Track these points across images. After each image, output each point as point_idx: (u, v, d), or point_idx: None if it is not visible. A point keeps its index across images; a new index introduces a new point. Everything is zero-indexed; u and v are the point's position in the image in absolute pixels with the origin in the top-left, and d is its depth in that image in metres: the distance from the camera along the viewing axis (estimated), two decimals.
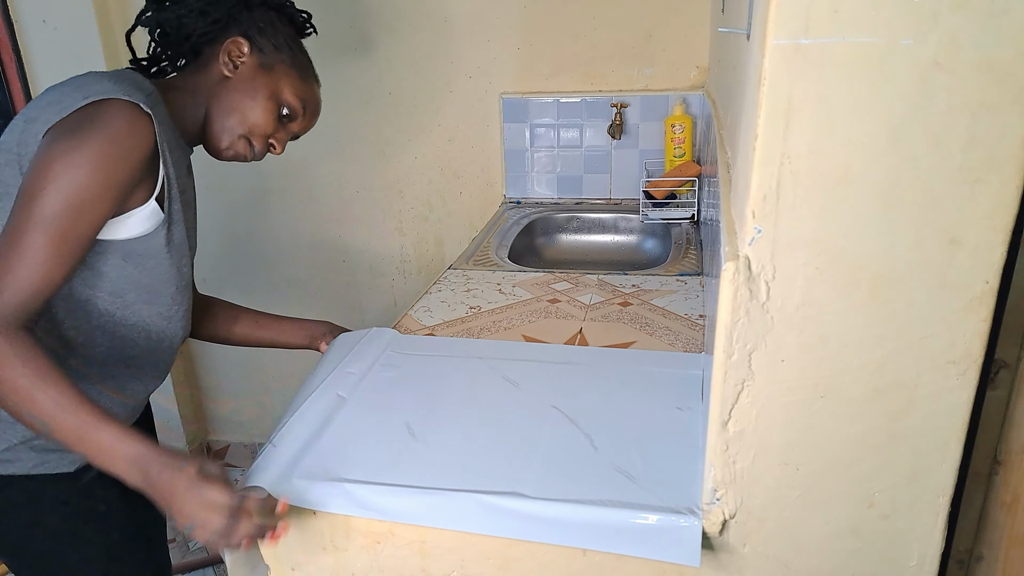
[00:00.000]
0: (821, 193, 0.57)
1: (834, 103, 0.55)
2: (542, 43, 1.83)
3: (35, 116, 0.83)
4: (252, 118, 0.97)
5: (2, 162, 0.85)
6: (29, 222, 0.78)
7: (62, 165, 0.78)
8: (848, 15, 0.52)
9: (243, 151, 1.00)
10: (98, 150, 0.79)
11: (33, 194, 0.78)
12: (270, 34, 0.99)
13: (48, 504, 0.95)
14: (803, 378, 0.63)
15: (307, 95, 1.03)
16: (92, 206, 0.80)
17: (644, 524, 0.70)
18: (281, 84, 0.99)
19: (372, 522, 0.77)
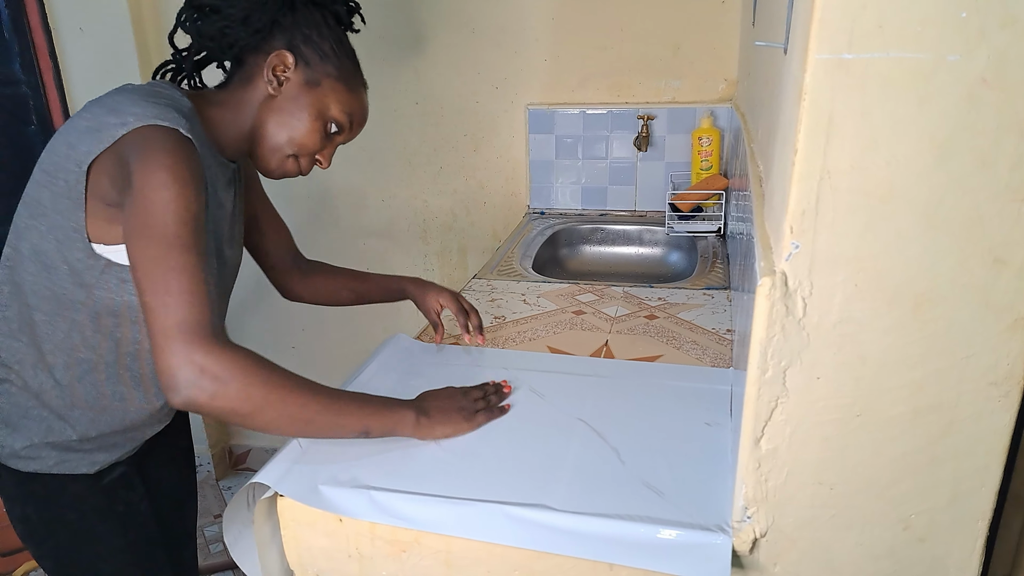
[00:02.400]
0: (862, 210, 0.56)
1: (877, 119, 0.54)
2: (569, 54, 1.83)
3: (74, 142, 0.83)
4: (300, 139, 0.95)
5: (42, 181, 0.86)
6: (159, 250, 0.76)
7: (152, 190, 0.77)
8: (894, 30, 0.52)
9: (292, 170, 0.99)
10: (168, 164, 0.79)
11: (144, 221, 0.77)
12: (316, 42, 0.95)
13: (68, 501, 0.96)
14: (839, 397, 0.62)
15: (354, 108, 0.99)
16: (199, 217, 0.80)
17: (673, 540, 0.69)
18: (328, 100, 0.96)
19: (398, 530, 0.77)
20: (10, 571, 2.02)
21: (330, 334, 2.25)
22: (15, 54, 1.97)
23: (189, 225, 0.79)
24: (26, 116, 2.02)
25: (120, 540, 1.00)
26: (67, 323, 0.88)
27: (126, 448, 0.99)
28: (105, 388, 0.93)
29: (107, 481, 0.98)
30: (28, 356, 0.90)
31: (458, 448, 0.85)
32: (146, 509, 1.02)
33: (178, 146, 0.81)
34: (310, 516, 0.80)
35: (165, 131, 0.81)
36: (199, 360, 0.74)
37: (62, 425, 0.92)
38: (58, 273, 0.87)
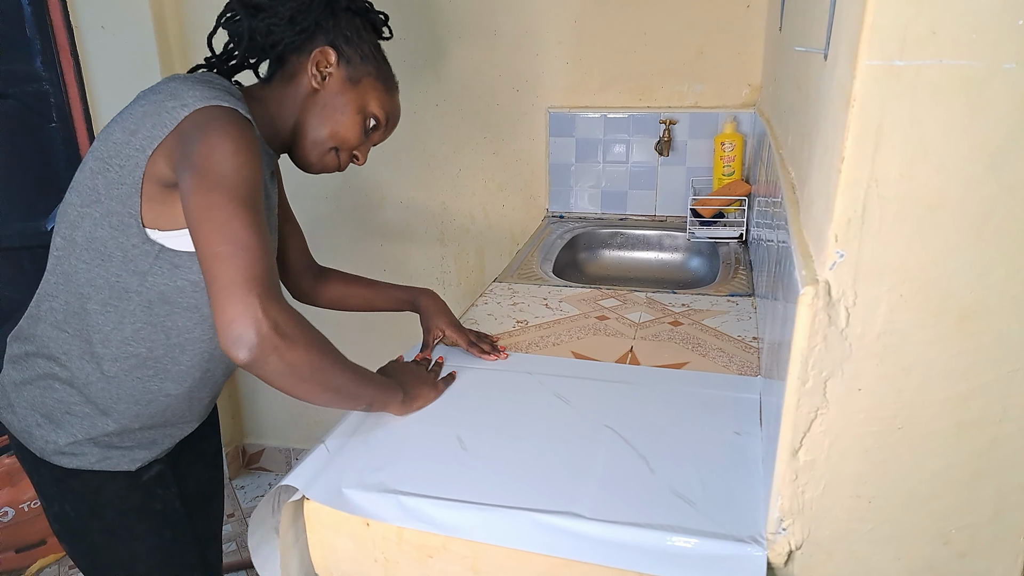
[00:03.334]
0: (910, 219, 0.55)
1: (928, 127, 0.53)
2: (591, 58, 1.83)
3: (134, 128, 0.84)
4: (342, 132, 0.98)
5: (96, 169, 0.86)
6: (229, 207, 0.75)
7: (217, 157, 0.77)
8: (947, 37, 0.51)
9: (331, 163, 1.01)
10: (233, 138, 0.79)
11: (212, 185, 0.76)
12: (356, 43, 0.98)
13: (107, 498, 0.97)
14: (881, 409, 0.61)
15: (391, 107, 1.04)
16: (259, 182, 0.80)
17: (706, 551, 0.68)
18: (368, 97, 1.00)
19: (424, 535, 0.77)
20: (25, 567, 2.03)
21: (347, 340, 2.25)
22: (37, 52, 1.98)
23: (254, 186, 0.79)
24: (47, 113, 2.03)
25: (156, 539, 1.00)
26: (119, 314, 0.89)
27: (164, 445, 1.00)
28: (152, 384, 0.93)
29: (145, 479, 0.98)
30: (75, 347, 0.91)
31: (485, 453, 0.85)
32: (180, 508, 1.03)
33: (241, 123, 0.83)
34: (336, 519, 0.79)
35: (226, 110, 0.83)
36: (273, 315, 0.72)
37: (105, 420, 0.93)
38: (112, 261, 0.87)
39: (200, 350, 0.95)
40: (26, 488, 1.98)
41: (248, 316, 0.71)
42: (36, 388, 0.93)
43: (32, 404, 0.94)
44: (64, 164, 2.08)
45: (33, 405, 0.94)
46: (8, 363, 0.97)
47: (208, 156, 0.78)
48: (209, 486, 1.18)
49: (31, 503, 1.98)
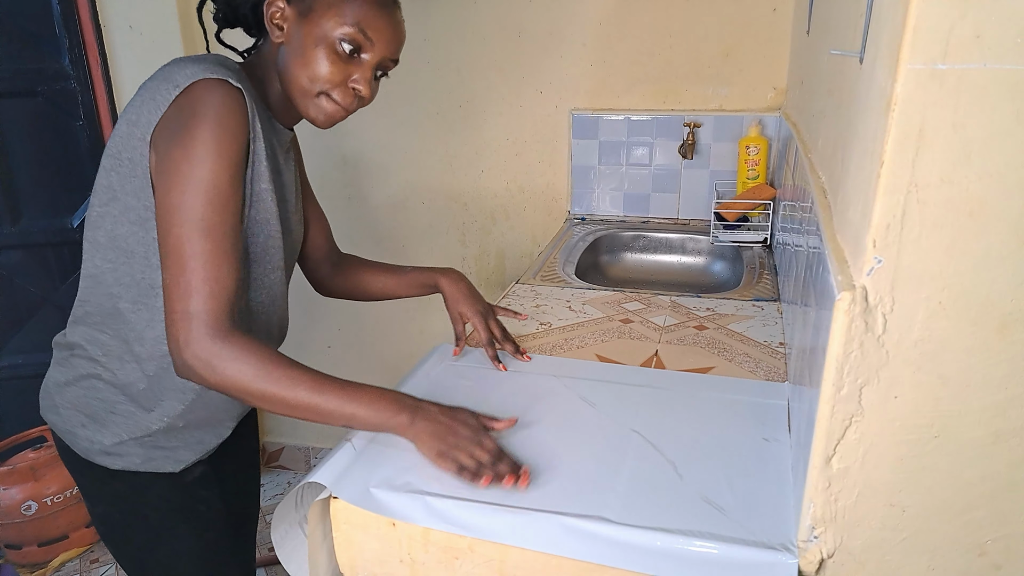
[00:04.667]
0: (951, 225, 0.55)
1: (971, 132, 0.52)
2: (615, 60, 1.82)
3: (135, 119, 0.84)
4: (314, 71, 0.87)
5: (108, 167, 0.86)
6: (183, 230, 0.78)
7: (187, 165, 0.78)
8: (992, 41, 0.50)
9: (330, 108, 0.91)
10: (211, 136, 0.79)
11: (173, 204, 0.79)
12: None
13: (151, 500, 0.97)
14: (917, 417, 0.60)
15: (362, 17, 0.87)
16: (229, 194, 0.81)
17: (737, 558, 0.67)
18: (324, 22, 0.86)
19: (452, 536, 0.77)
20: (48, 560, 2.05)
21: (366, 334, 2.26)
22: (65, 50, 2.01)
23: (219, 209, 0.79)
24: (74, 111, 2.06)
25: (198, 540, 1.01)
26: (149, 311, 0.89)
27: (208, 445, 1.00)
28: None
29: (189, 480, 0.99)
30: (114, 348, 0.91)
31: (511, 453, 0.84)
32: (222, 508, 1.04)
33: (225, 99, 0.81)
34: (363, 519, 0.79)
35: (213, 83, 0.81)
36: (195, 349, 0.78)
37: (149, 418, 0.93)
38: (136, 258, 0.87)
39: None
40: (49, 483, 2.01)
41: (175, 344, 0.79)
42: (79, 388, 0.94)
43: (76, 404, 0.94)
44: (90, 162, 2.11)
45: (77, 406, 0.94)
46: (53, 364, 0.98)
47: (177, 172, 0.79)
48: (247, 486, 1.19)
49: (54, 498, 2.01)
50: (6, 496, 1.96)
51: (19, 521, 1.97)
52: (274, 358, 0.80)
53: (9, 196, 2.09)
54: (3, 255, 2.13)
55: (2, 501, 1.95)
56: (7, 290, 2.16)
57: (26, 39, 1.99)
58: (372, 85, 0.91)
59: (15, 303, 2.17)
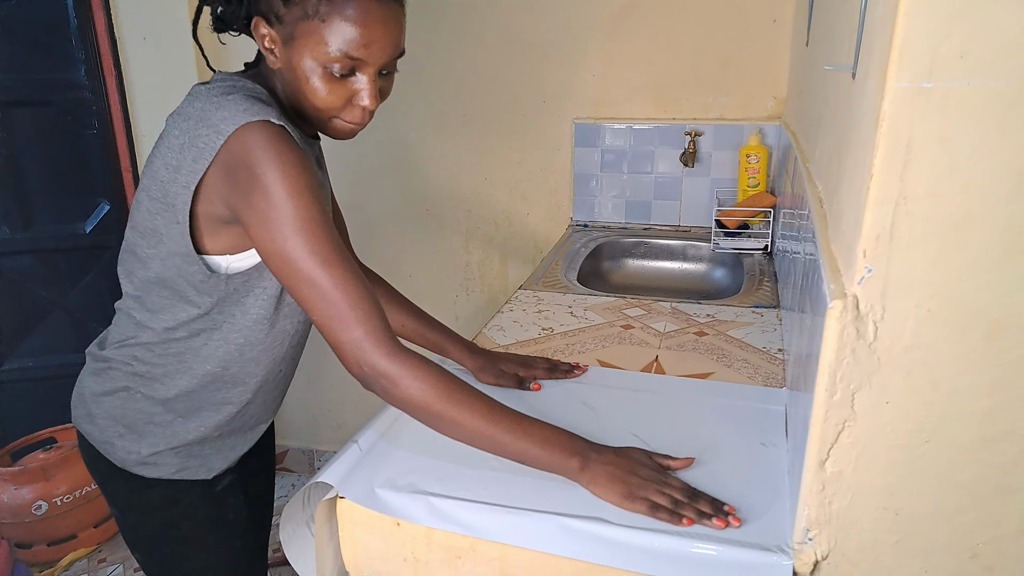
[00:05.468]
0: (938, 236, 0.57)
1: (957, 146, 0.54)
2: (617, 69, 1.85)
3: (177, 164, 0.82)
4: (315, 101, 0.85)
5: (153, 210, 0.86)
6: (304, 271, 0.78)
7: (275, 211, 0.78)
8: (976, 59, 0.52)
9: (346, 129, 0.89)
10: (282, 176, 0.78)
11: (278, 251, 0.79)
12: None
13: (184, 509, 0.99)
14: (908, 421, 0.62)
15: (344, 40, 0.81)
16: (322, 221, 0.80)
17: (732, 559, 0.69)
18: (308, 51, 0.81)
19: (454, 536, 0.79)
20: (56, 559, 2.08)
21: None
22: (80, 61, 2.05)
23: (319, 212, 0.79)
24: (87, 120, 2.09)
25: (228, 549, 1.03)
26: (201, 340, 0.92)
27: (239, 450, 1.03)
28: (231, 394, 0.96)
29: (219, 488, 1.01)
30: (158, 371, 0.93)
31: None
32: (248, 516, 1.06)
33: (276, 139, 0.79)
34: (368, 518, 0.82)
35: (258, 126, 0.79)
36: (376, 366, 0.79)
37: (187, 428, 0.95)
38: (188, 295, 0.89)
39: (272, 356, 0.97)
40: (59, 483, 2.03)
41: (357, 372, 0.80)
42: (117, 399, 0.95)
43: (113, 415, 0.95)
44: (101, 170, 2.14)
45: (114, 416, 0.95)
46: (89, 374, 0.99)
47: (268, 208, 0.78)
48: (267, 494, 1.22)
49: (63, 498, 2.03)
50: (17, 496, 1.98)
51: (29, 521, 1.99)
52: (452, 380, 0.80)
53: (21, 202, 2.12)
54: (14, 260, 2.16)
55: (13, 501, 1.97)
56: (18, 294, 2.19)
57: (43, 50, 2.03)
58: (377, 94, 0.87)
59: (25, 307, 2.21)
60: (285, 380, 1.04)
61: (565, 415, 0.96)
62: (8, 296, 2.18)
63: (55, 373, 2.24)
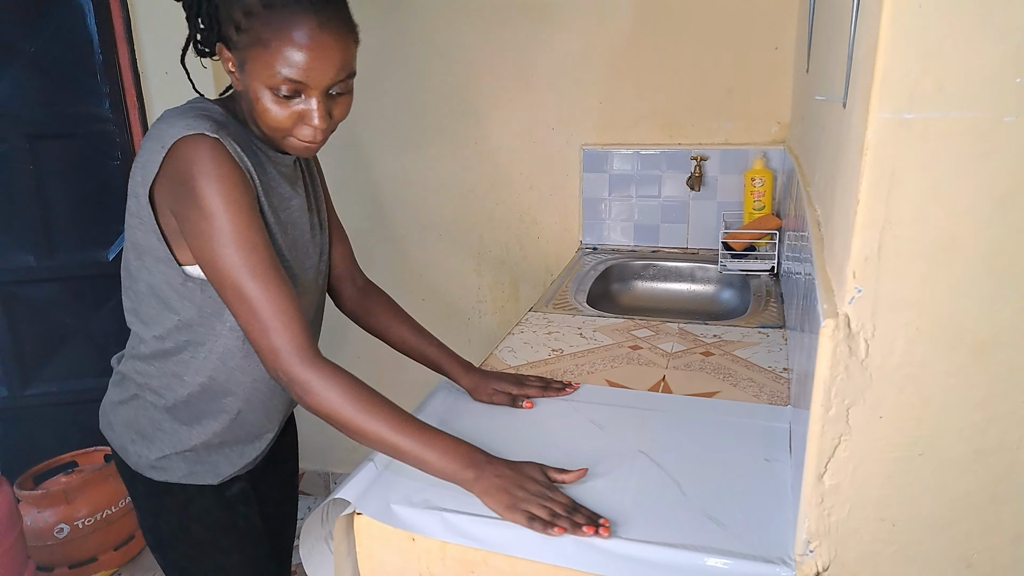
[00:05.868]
0: (924, 257, 0.60)
1: (938, 173, 0.58)
2: (624, 97, 1.90)
3: (140, 179, 0.90)
4: (267, 121, 0.89)
5: (133, 225, 0.93)
6: (232, 279, 0.85)
7: (207, 223, 0.84)
8: (953, 92, 0.56)
9: (300, 146, 0.92)
10: (214, 189, 0.84)
11: (212, 260, 0.85)
12: (233, 17, 0.86)
13: (195, 514, 1.04)
14: (902, 435, 0.64)
15: (284, 64, 0.84)
16: (253, 233, 0.86)
17: (737, 571, 0.71)
18: (257, 74, 0.86)
19: (467, 550, 0.81)
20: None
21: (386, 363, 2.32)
22: (105, 95, 2.13)
23: (248, 246, 0.85)
24: (111, 151, 2.17)
25: (240, 555, 1.07)
26: (191, 348, 0.97)
27: (246, 458, 1.07)
28: (226, 403, 1.01)
29: (229, 495, 1.06)
30: (162, 380, 0.99)
31: None
32: (260, 525, 1.10)
33: (210, 152, 0.85)
34: (384, 533, 0.84)
35: (193, 139, 0.85)
36: (297, 376, 0.85)
37: (190, 434, 1.01)
38: (171, 302, 0.95)
39: (255, 362, 1.01)
40: (80, 506, 2.07)
41: (276, 377, 0.87)
42: (131, 408, 1.02)
43: (128, 422, 1.03)
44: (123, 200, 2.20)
45: (128, 423, 1.03)
46: (111, 385, 1.07)
47: (200, 219, 0.85)
48: (286, 506, 1.26)
49: (85, 521, 2.07)
50: (39, 519, 2.02)
51: (51, 544, 2.03)
52: (362, 390, 0.86)
53: (47, 231, 2.19)
54: (39, 287, 2.22)
55: (36, 524, 2.01)
56: (42, 320, 2.25)
57: (69, 85, 2.11)
58: (325, 114, 0.89)
59: (49, 333, 2.26)
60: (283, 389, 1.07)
61: (573, 433, 0.99)
62: (33, 322, 2.24)
63: (77, 398, 2.29)
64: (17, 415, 2.26)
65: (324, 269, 1.11)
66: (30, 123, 2.11)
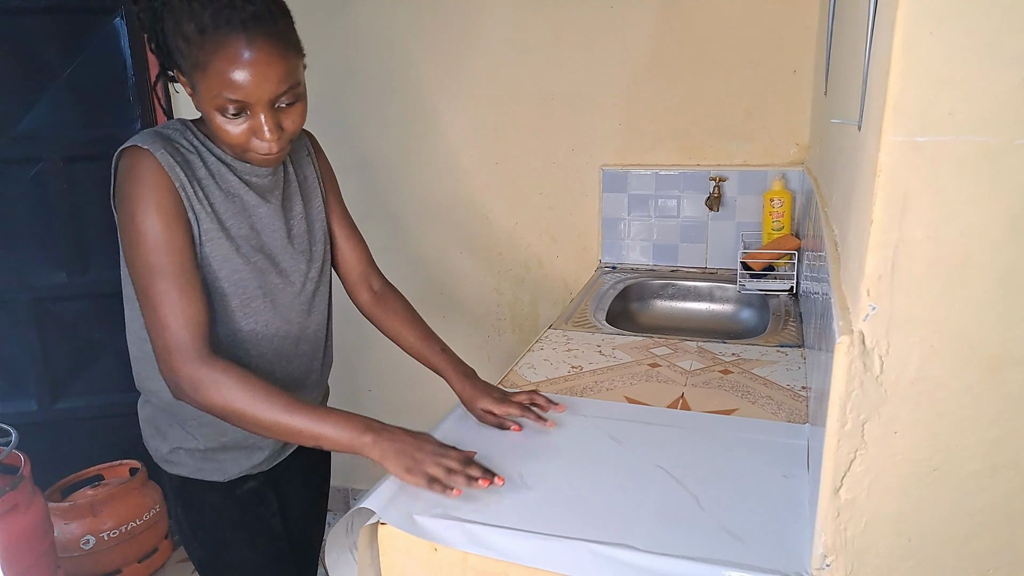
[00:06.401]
0: (938, 276, 0.61)
1: (950, 195, 0.59)
2: (643, 119, 1.92)
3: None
4: (222, 139, 0.94)
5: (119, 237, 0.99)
6: (142, 276, 0.92)
7: (129, 224, 0.92)
8: (963, 116, 0.58)
9: (259, 160, 0.96)
10: (136, 195, 0.91)
11: (128, 259, 0.93)
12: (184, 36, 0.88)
13: (209, 509, 1.10)
14: (917, 451, 0.65)
15: (222, 85, 0.88)
16: (167, 238, 0.91)
17: None
18: (204, 96, 0.90)
19: (488, 561, 0.83)
20: None
21: (404, 380, 2.35)
22: (137, 115, 2.20)
23: (163, 251, 0.91)
24: None
25: (251, 552, 1.11)
26: None
27: (253, 461, 1.10)
28: None
29: (239, 493, 1.10)
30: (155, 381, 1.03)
31: (544, 488, 0.91)
32: (277, 526, 1.13)
33: (140, 161, 0.91)
34: (407, 543, 0.86)
35: (128, 152, 0.93)
36: (187, 373, 0.90)
37: (190, 438, 1.06)
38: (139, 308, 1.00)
39: None
40: (106, 519, 2.11)
41: (165, 375, 0.92)
42: (149, 408, 1.11)
43: (147, 418, 1.12)
44: None
45: (147, 419, 1.11)
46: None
47: (123, 233, 0.93)
48: (312, 511, 1.29)
49: (110, 532, 2.11)
50: (66, 531, 2.06)
51: (77, 555, 2.07)
52: (250, 381, 0.90)
53: (80, 250, 2.25)
54: (71, 304, 2.28)
55: (62, 535, 2.05)
56: (73, 336, 2.31)
57: (102, 107, 2.18)
58: (275, 127, 0.93)
59: (79, 349, 2.32)
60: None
61: (594, 448, 1.00)
62: (63, 338, 2.30)
63: (105, 412, 2.33)
64: (47, 429, 2.30)
65: (317, 276, 1.12)
66: (65, 144, 2.17)
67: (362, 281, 1.23)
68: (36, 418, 2.30)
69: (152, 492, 2.25)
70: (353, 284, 1.23)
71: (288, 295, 1.07)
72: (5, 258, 2.20)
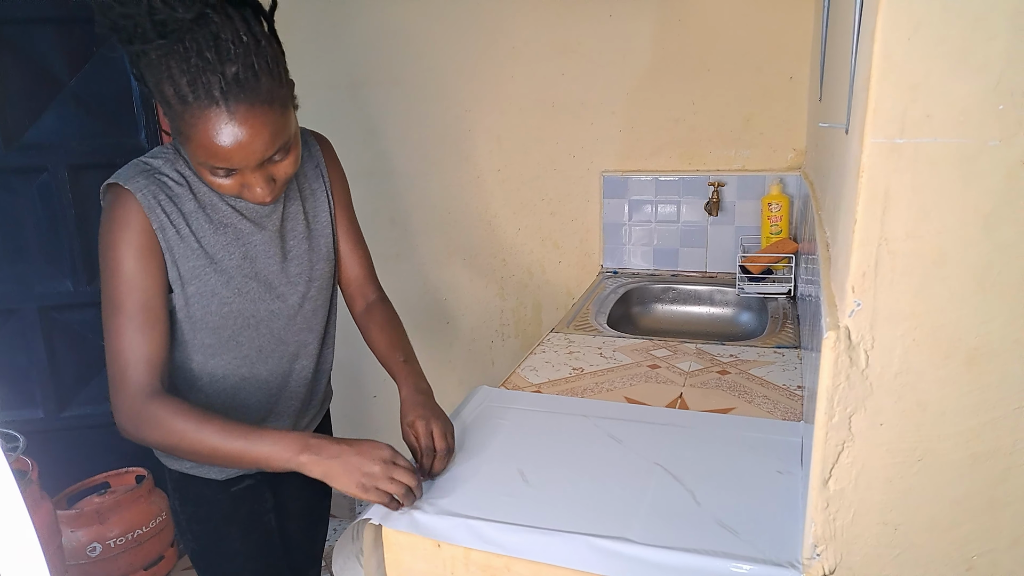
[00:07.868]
0: (918, 272, 0.64)
1: (928, 194, 0.62)
2: (643, 126, 1.96)
3: None
4: (216, 189, 0.93)
5: None
6: (105, 309, 0.94)
7: (102, 259, 0.94)
8: (940, 119, 0.60)
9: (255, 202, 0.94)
10: (109, 231, 0.93)
11: (102, 288, 0.95)
12: (162, 100, 0.86)
13: (204, 503, 1.13)
14: (901, 441, 0.68)
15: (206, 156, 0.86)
16: (133, 274, 0.93)
17: (747, 574, 0.75)
18: (190, 156, 0.89)
19: (490, 556, 0.85)
20: None
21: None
22: (142, 127, 2.24)
23: (127, 290, 0.93)
24: None
25: (242, 545, 1.14)
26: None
27: None
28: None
29: (235, 490, 1.14)
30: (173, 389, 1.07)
31: (544, 485, 0.93)
32: (271, 522, 1.16)
33: (117, 199, 0.93)
34: (411, 542, 0.89)
35: (110, 189, 0.95)
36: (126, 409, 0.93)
37: None
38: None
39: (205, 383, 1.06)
40: (113, 526, 2.13)
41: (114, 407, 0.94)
42: None
43: None
44: None
45: None
46: None
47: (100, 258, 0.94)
48: (313, 511, 1.31)
49: (117, 540, 2.13)
50: (73, 538, 2.08)
51: (84, 562, 2.09)
52: (188, 413, 0.91)
53: (86, 258, 2.29)
54: (77, 312, 2.31)
55: (69, 543, 2.07)
56: (79, 345, 2.33)
57: (108, 118, 2.22)
58: (266, 182, 0.91)
59: (86, 357, 2.35)
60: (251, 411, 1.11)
61: (594, 446, 1.03)
62: (70, 346, 2.32)
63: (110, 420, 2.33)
64: (53, 437, 2.32)
65: (316, 294, 1.13)
66: (71, 154, 2.20)
67: (358, 292, 1.23)
68: (43, 426, 2.32)
69: (158, 500, 2.27)
70: (350, 295, 1.24)
71: (283, 319, 1.09)
72: (12, 267, 2.23)
